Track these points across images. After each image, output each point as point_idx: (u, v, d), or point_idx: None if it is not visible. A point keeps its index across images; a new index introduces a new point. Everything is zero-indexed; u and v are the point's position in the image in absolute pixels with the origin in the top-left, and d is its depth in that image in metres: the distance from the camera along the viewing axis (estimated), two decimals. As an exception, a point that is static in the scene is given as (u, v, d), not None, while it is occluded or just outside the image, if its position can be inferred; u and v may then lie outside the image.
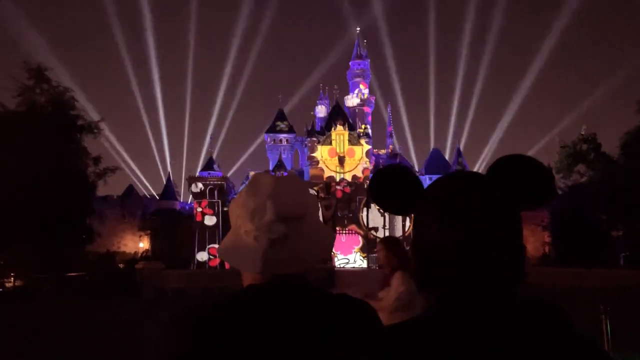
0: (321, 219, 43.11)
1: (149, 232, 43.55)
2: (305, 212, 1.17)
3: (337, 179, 47.85)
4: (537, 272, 21.74)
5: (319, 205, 43.58)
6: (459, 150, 52.52)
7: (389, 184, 0.97)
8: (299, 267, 1.16)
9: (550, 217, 31.24)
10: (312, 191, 41.04)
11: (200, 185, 42.64)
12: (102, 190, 29.42)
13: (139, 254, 39.70)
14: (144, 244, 44.29)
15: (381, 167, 1.01)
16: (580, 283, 19.34)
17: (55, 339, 10.56)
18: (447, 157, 53.49)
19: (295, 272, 1.16)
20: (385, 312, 3.96)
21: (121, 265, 31.62)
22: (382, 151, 54.34)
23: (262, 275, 1.15)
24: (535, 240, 35.86)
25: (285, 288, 1.14)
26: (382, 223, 44.34)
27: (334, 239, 1.27)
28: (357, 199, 45.07)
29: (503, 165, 0.90)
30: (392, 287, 4.16)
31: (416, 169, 51.07)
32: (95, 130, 27.11)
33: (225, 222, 38.86)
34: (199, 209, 42.34)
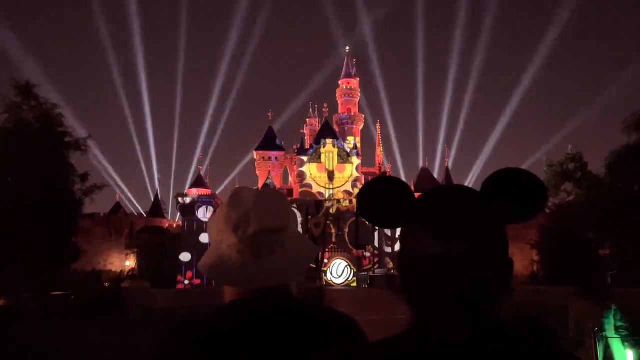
0: (310, 237, 42.49)
1: (135, 250, 43.10)
2: (287, 224, 1.17)
3: (327, 195, 47.86)
4: (526, 290, 21.75)
5: (309, 223, 43.46)
6: (447, 169, 52.93)
7: (378, 195, 0.94)
8: (282, 280, 1.15)
9: (539, 235, 31.42)
10: (295, 210, 40.82)
11: (187, 199, 42.06)
12: (88, 208, 29.13)
13: (125, 273, 39.23)
14: (130, 262, 43.78)
15: (370, 180, 0.98)
16: (569, 302, 19.37)
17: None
18: (435, 175, 53.84)
19: (278, 284, 1.15)
20: None
21: (107, 284, 31.17)
22: (371, 169, 54.54)
23: (245, 289, 1.15)
24: (524, 259, 35.97)
25: (268, 302, 1.13)
26: (373, 240, 44.26)
27: (317, 251, 1.27)
28: (347, 217, 45.03)
29: (494, 178, 0.90)
30: None
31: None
32: (83, 148, 26.92)
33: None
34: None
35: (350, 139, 52.09)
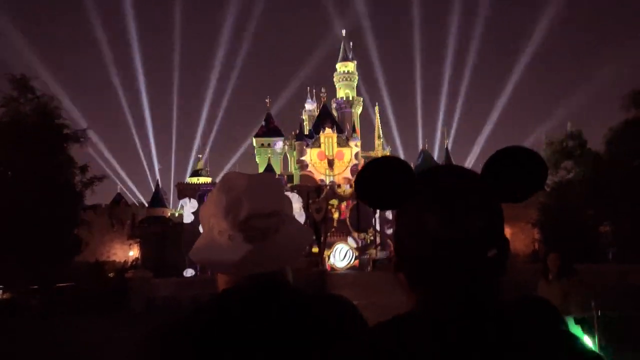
0: (312, 221, 42.11)
1: (138, 240, 43.22)
2: (280, 209, 1.13)
3: (327, 182, 47.86)
4: (527, 269, 21.88)
5: (310, 208, 43.46)
6: (447, 151, 52.86)
7: (378, 175, 0.91)
8: (275, 266, 1.13)
9: (540, 214, 31.48)
10: (296, 196, 40.64)
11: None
12: (89, 200, 29.14)
13: (129, 263, 39.41)
14: (133, 253, 43.92)
15: (368, 161, 0.95)
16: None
17: (45, 355, 10.39)
18: (435, 157, 53.76)
19: (272, 271, 1.12)
20: None
21: (111, 275, 31.35)
22: (371, 153, 54.42)
23: (238, 276, 1.12)
24: (525, 238, 36.08)
25: (262, 290, 1.10)
26: (374, 223, 44.37)
27: (311, 236, 1.24)
28: (348, 201, 45.10)
29: (494, 158, 0.89)
30: None
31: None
32: (82, 139, 26.86)
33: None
34: None
35: (352, 144, 51.27)
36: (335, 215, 44.71)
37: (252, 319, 1.06)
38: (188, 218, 40.90)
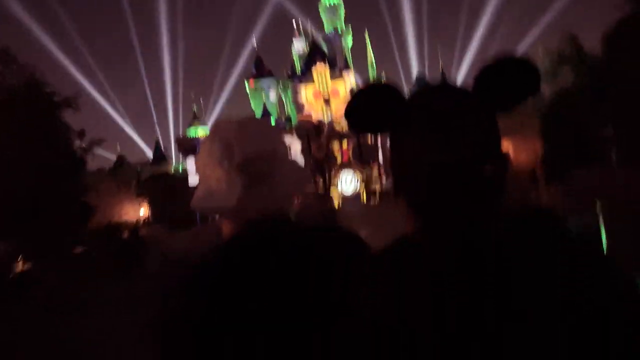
0: (314, 160, 42.31)
1: (146, 198, 43.76)
2: (274, 149, 1.14)
3: (326, 121, 47.54)
4: (531, 182, 22.07)
5: (312, 147, 43.43)
6: (443, 71, 52.16)
7: (367, 103, 0.89)
8: (275, 208, 1.14)
9: (540, 124, 31.37)
10: (295, 137, 40.43)
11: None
12: (92, 165, 29.28)
13: (141, 221, 40.08)
14: (144, 211, 44.52)
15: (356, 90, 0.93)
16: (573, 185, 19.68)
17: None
18: (431, 79, 53.04)
19: (273, 211, 1.13)
20: None
21: (126, 235, 31.96)
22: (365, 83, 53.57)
23: (239, 222, 1.13)
24: (527, 150, 36.13)
25: (262, 239, 1.11)
26: (377, 156, 44.49)
27: (308, 175, 1.25)
28: (349, 135, 45.00)
29: (484, 71, 0.87)
30: None
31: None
32: (74, 105, 26.65)
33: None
34: None
35: (345, 77, 49.78)
36: (338, 158, 44.72)
37: (263, 261, 1.06)
38: (193, 178, 41.15)
